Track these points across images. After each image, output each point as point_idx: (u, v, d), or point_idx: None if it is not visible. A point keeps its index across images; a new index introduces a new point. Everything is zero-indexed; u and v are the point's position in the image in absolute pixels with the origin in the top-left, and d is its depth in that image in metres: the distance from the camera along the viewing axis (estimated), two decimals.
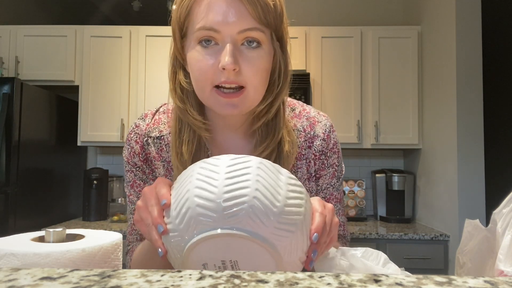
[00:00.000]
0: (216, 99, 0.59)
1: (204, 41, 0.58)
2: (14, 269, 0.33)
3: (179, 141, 0.65)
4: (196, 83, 0.61)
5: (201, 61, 0.58)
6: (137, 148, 0.71)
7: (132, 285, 0.29)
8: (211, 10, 0.57)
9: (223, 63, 0.56)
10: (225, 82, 0.57)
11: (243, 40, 0.58)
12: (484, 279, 0.32)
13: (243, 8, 0.57)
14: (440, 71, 2.28)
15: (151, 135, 0.71)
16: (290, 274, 0.32)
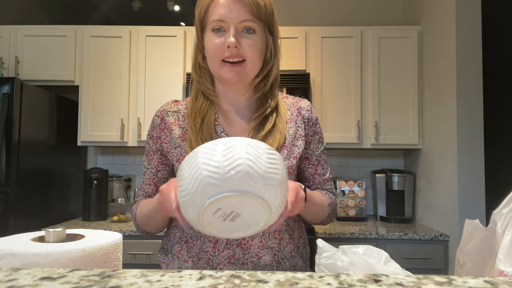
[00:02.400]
0: (223, 69, 0.84)
1: (216, 29, 0.84)
2: (14, 269, 0.33)
3: (194, 105, 0.91)
4: (209, 59, 0.87)
5: (213, 43, 0.84)
6: (158, 120, 0.95)
7: (132, 285, 0.29)
8: (220, 7, 0.83)
9: (228, 42, 0.82)
10: (229, 56, 0.83)
11: (242, 28, 0.84)
12: (484, 279, 0.32)
13: (242, 5, 0.83)
14: (440, 71, 2.28)
15: (170, 110, 0.96)
16: (290, 274, 0.32)
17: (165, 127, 0.93)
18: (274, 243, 0.87)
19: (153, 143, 0.94)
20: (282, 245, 0.88)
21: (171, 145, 0.91)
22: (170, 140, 0.92)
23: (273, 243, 0.86)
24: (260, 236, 0.85)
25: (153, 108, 2.53)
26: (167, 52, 2.55)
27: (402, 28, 2.57)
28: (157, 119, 0.95)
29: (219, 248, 0.84)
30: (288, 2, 2.97)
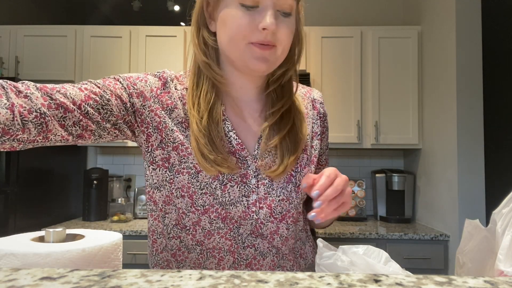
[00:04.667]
0: (251, 52, 0.65)
1: (246, 4, 0.64)
2: (14, 269, 0.33)
3: (196, 93, 0.70)
4: (230, 38, 0.66)
5: (240, 19, 0.64)
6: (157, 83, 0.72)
7: (132, 285, 0.29)
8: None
9: (265, 24, 0.63)
10: (261, 41, 0.64)
11: (278, 8, 0.65)
12: (484, 279, 0.32)
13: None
14: (440, 71, 2.28)
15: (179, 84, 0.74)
16: (290, 274, 0.32)
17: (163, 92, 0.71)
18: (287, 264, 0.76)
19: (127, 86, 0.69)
20: (295, 266, 0.77)
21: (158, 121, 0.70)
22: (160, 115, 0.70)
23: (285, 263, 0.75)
24: (273, 255, 0.73)
25: None
26: (167, 52, 2.55)
27: (402, 28, 2.57)
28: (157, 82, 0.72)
29: (224, 266, 0.71)
30: None
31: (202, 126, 0.68)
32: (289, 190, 0.73)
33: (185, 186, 0.68)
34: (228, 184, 0.69)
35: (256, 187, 0.71)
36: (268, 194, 0.71)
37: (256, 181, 0.71)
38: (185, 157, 0.69)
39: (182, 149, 0.69)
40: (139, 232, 2.16)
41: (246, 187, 0.70)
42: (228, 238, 0.70)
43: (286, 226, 0.73)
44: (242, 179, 0.70)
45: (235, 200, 0.69)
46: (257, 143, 0.72)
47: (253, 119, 0.74)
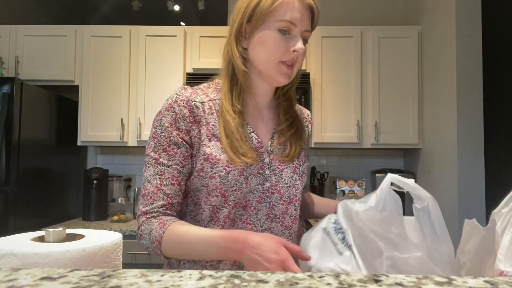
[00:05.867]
0: (280, 69, 0.84)
1: (283, 30, 0.82)
2: (14, 269, 0.33)
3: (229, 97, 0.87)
4: (266, 55, 0.83)
5: (279, 42, 0.82)
6: (186, 112, 0.84)
7: (132, 285, 0.29)
8: (295, 10, 0.82)
9: (297, 48, 0.82)
10: (290, 61, 0.83)
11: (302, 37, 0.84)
12: (484, 279, 0.32)
13: (310, 15, 0.85)
14: (440, 71, 2.28)
15: (196, 100, 0.86)
16: (290, 274, 0.32)
17: (194, 120, 0.84)
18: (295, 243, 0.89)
19: (179, 136, 0.83)
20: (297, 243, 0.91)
21: (199, 142, 0.84)
22: (199, 136, 0.84)
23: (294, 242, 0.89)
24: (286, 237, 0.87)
25: (153, 108, 2.53)
26: (167, 52, 2.55)
27: (402, 28, 2.57)
28: (183, 110, 0.83)
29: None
30: None
31: (235, 125, 0.83)
32: (294, 178, 0.89)
33: (218, 187, 0.82)
34: (249, 177, 0.84)
35: (269, 176, 0.86)
36: (278, 182, 0.87)
37: (269, 171, 0.87)
38: (215, 164, 0.82)
39: (212, 158, 0.82)
40: None
41: (261, 176, 0.86)
42: (249, 223, 0.84)
43: (294, 208, 0.88)
44: (259, 171, 0.85)
45: (253, 188, 0.84)
46: (270, 141, 0.90)
47: (266, 122, 0.92)
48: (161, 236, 0.77)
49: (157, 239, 0.77)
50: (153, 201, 0.81)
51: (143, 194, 0.83)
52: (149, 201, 0.81)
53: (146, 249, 0.81)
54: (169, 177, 0.82)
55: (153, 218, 0.80)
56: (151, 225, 0.79)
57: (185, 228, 0.77)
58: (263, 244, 0.67)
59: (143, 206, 0.82)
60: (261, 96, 0.91)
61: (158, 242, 0.77)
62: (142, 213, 0.82)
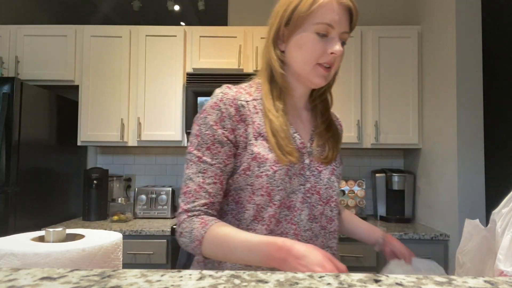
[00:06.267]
0: (317, 71, 0.85)
1: (321, 33, 0.82)
2: (14, 269, 0.33)
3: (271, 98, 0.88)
4: (304, 57, 0.84)
5: (317, 45, 0.83)
6: (232, 110, 0.84)
7: (132, 285, 0.29)
8: (333, 12, 0.82)
9: (335, 50, 0.82)
10: (327, 63, 0.84)
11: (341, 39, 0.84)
12: (484, 279, 0.32)
13: (349, 16, 0.85)
14: (440, 71, 2.28)
15: (241, 99, 0.86)
16: (290, 274, 0.32)
17: (241, 119, 0.84)
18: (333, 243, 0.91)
19: (224, 135, 0.83)
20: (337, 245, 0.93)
21: (246, 141, 0.84)
22: (246, 135, 0.84)
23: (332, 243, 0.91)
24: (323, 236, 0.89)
25: (153, 108, 2.53)
26: (167, 52, 2.55)
27: (402, 28, 2.57)
28: (229, 108, 0.84)
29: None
30: None
31: (279, 124, 0.84)
32: (332, 180, 0.90)
33: (264, 186, 0.82)
34: (292, 177, 0.85)
35: (309, 177, 0.88)
36: (317, 183, 0.88)
37: (309, 172, 0.88)
38: (263, 163, 0.82)
39: (259, 157, 0.83)
40: (139, 232, 2.16)
41: (303, 177, 0.87)
42: (293, 223, 0.85)
43: (330, 209, 0.89)
44: (300, 172, 0.86)
45: (295, 189, 0.85)
46: (309, 143, 0.91)
47: (304, 123, 0.93)
48: (202, 236, 0.77)
49: (198, 239, 0.78)
50: (195, 199, 0.81)
51: (184, 192, 0.83)
52: (191, 199, 0.81)
53: (185, 247, 0.81)
54: (211, 175, 0.82)
55: (194, 216, 0.80)
56: (193, 223, 0.79)
57: (227, 230, 0.77)
58: (308, 256, 0.67)
59: (184, 203, 0.82)
60: (299, 98, 0.93)
61: (199, 242, 0.78)
62: (183, 210, 0.81)
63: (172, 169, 2.88)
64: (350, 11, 0.85)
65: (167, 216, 2.55)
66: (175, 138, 2.51)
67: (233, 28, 2.59)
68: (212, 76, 2.42)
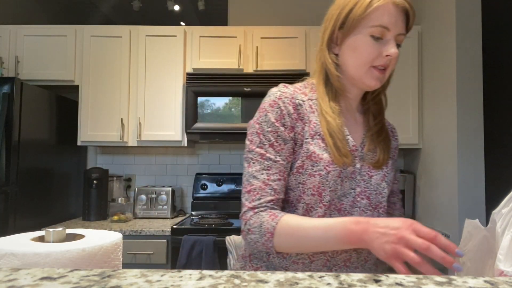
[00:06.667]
0: (371, 74, 0.84)
1: (376, 35, 0.82)
2: (14, 269, 0.33)
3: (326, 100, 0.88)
4: (358, 60, 0.84)
5: (371, 48, 0.82)
6: (290, 108, 0.86)
7: (132, 285, 0.29)
8: (389, 15, 0.81)
9: (390, 52, 0.81)
10: (382, 65, 0.83)
11: (396, 41, 0.83)
12: (484, 279, 0.32)
13: (405, 18, 0.84)
14: (440, 71, 2.28)
15: (298, 98, 0.87)
16: (290, 274, 0.32)
17: (299, 117, 0.86)
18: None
19: (286, 132, 0.84)
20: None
21: (302, 139, 0.85)
22: (303, 133, 0.85)
23: None
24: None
25: (153, 108, 2.53)
26: (167, 52, 2.55)
27: None
28: (288, 106, 0.85)
29: (338, 251, 0.84)
30: (288, 2, 2.97)
31: (336, 125, 0.84)
32: (383, 186, 0.89)
33: (315, 186, 0.82)
34: (344, 179, 0.84)
35: (359, 182, 0.87)
36: (367, 188, 0.87)
37: (360, 177, 0.87)
38: (317, 162, 0.83)
39: (314, 156, 0.83)
40: (139, 232, 2.16)
41: (353, 181, 0.86)
42: None
43: (378, 215, 0.88)
44: (351, 175, 0.85)
45: (346, 192, 0.85)
46: (361, 146, 0.89)
47: (357, 126, 0.92)
48: (274, 227, 0.77)
49: (269, 231, 0.77)
50: (260, 196, 0.81)
51: (248, 190, 0.82)
52: (256, 197, 0.81)
53: (255, 243, 0.80)
54: (276, 172, 0.82)
55: (261, 212, 0.80)
56: (261, 218, 0.79)
57: (299, 218, 0.77)
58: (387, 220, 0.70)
59: (249, 201, 0.81)
60: (353, 99, 0.92)
61: (270, 234, 0.77)
62: (248, 208, 0.81)
63: (172, 169, 2.88)
64: (406, 13, 0.84)
65: (167, 216, 2.55)
66: (175, 138, 2.51)
67: (233, 28, 2.59)
68: (212, 76, 2.42)
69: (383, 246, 0.68)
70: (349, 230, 0.71)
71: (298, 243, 0.76)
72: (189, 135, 2.46)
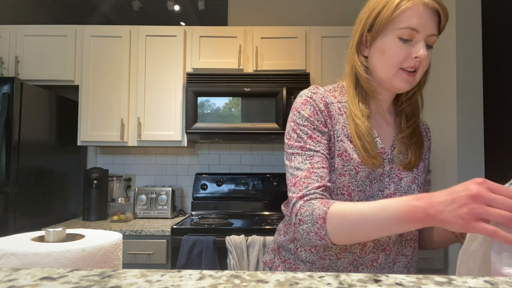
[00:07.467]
0: (400, 76, 0.83)
1: (404, 37, 0.81)
2: (14, 269, 0.33)
3: (356, 102, 0.88)
4: (386, 63, 0.84)
5: (399, 50, 0.81)
6: (322, 106, 0.87)
7: (132, 285, 0.29)
8: (418, 16, 0.80)
9: (419, 53, 0.80)
10: (411, 67, 0.82)
11: (427, 42, 0.82)
12: (484, 279, 0.32)
13: (437, 18, 0.82)
14: (440, 71, 2.28)
15: (329, 99, 0.89)
16: (290, 274, 0.32)
17: (329, 115, 0.87)
18: (408, 251, 0.89)
19: (321, 125, 0.86)
20: (414, 253, 0.90)
21: (334, 136, 0.86)
22: (334, 131, 0.87)
23: (408, 251, 0.89)
24: (399, 243, 0.87)
25: (153, 108, 2.53)
26: (167, 52, 2.55)
27: None
28: (319, 104, 0.87)
29: (366, 251, 0.84)
30: (288, 2, 2.97)
31: (365, 128, 0.85)
32: (413, 188, 0.88)
33: (345, 185, 0.83)
34: (373, 181, 0.85)
35: (388, 184, 0.86)
36: (397, 190, 0.87)
37: (388, 179, 0.87)
38: (347, 162, 0.84)
39: (345, 155, 0.84)
40: (139, 232, 2.16)
41: (382, 183, 0.86)
42: None
43: None
44: (379, 177, 0.86)
45: (374, 194, 0.85)
46: (390, 149, 0.89)
47: (388, 128, 0.92)
48: (325, 212, 0.73)
49: (321, 217, 0.73)
50: (307, 184, 0.79)
51: (294, 183, 0.81)
52: (303, 186, 0.79)
53: (308, 234, 0.76)
54: (319, 160, 0.82)
55: (312, 200, 0.77)
56: (312, 205, 0.76)
57: (351, 203, 0.73)
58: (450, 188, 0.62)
59: (297, 192, 0.79)
60: (384, 102, 0.92)
61: (323, 220, 0.73)
62: (297, 198, 0.78)
63: (172, 169, 2.88)
64: (438, 13, 0.82)
65: (167, 216, 2.55)
66: (175, 138, 2.51)
67: (233, 28, 2.59)
68: (212, 76, 2.42)
69: (456, 212, 0.59)
70: (412, 206, 0.65)
71: (352, 227, 0.71)
72: (189, 135, 2.46)
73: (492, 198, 0.57)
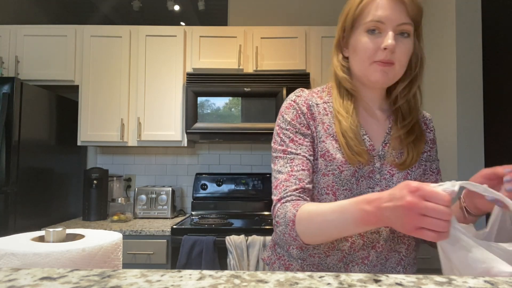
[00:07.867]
0: (374, 69, 0.83)
1: (370, 30, 0.82)
2: (14, 269, 0.33)
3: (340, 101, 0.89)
4: (359, 59, 0.85)
5: (367, 43, 0.83)
6: (304, 109, 0.89)
7: (132, 285, 0.29)
8: (380, 8, 0.81)
9: (386, 44, 0.79)
10: (382, 60, 0.81)
11: (399, 31, 0.82)
12: (484, 279, 0.32)
13: (404, 6, 0.82)
14: (440, 71, 2.28)
15: (312, 101, 0.91)
16: (290, 274, 0.32)
17: (312, 117, 0.89)
18: (402, 248, 0.87)
19: (303, 128, 0.88)
20: (409, 250, 0.88)
21: (317, 138, 0.88)
22: (317, 132, 0.88)
23: (401, 248, 0.87)
24: (391, 240, 0.86)
25: (153, 108, 2.53)
26: (167, 52, 2.55)
27: None
28: (302, 107, 0.90)
29: (355, 248, 0.84)
30: (288, 2, 2.97)
31: (348, 124, 0.85)
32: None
33: (329, 185, 0.84)
34: (360, 179, 0.84)
35: (379, 181, 0.86)
36: (388, 187, 0.85)
37: (379, 176, 0.86)
38: (330, 162, 0.84)
39: (328, 155, 0.85)
40: (139, 231, 2.16)
41: (372, 180, 0.85)
42: None
43: None
44: (369, 174, 0.85)
45: (363, 191, 0.84)
46: (381, 146, 0.88)
47: (377, 125, 0.91)
48: (294, 214, 0.77)
49: (291, 219, 0.77)
50: (285, 187, 0.82)
51: (275, 186, 0.85)
52: (282, 189, 0.83)
53: (284, 235, 0.79)
54: (299, 163, 0.84)
55: (287, 202, 0.81)
56: (286, 208, 0.79)
57: (319, 204, 0.76)
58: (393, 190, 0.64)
59: (277, 195, 0.83)
60: (371, 100, 0.92)
61: (293, 222, 0.77)
62: (276, 201, 0.83)
63: (172, 169, 2.88)
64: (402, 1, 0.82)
65: (167, 216, 2.55)
66: (175, 138, 2.51)
67: (233, 28, 2.59)
68: (212, 76, 2.42)
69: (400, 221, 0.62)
70: (363, 210, 0.67)
71: (319, 229, 0.73)
72: (189, 135, 2.46)
73: (425, 208, 0.59)
